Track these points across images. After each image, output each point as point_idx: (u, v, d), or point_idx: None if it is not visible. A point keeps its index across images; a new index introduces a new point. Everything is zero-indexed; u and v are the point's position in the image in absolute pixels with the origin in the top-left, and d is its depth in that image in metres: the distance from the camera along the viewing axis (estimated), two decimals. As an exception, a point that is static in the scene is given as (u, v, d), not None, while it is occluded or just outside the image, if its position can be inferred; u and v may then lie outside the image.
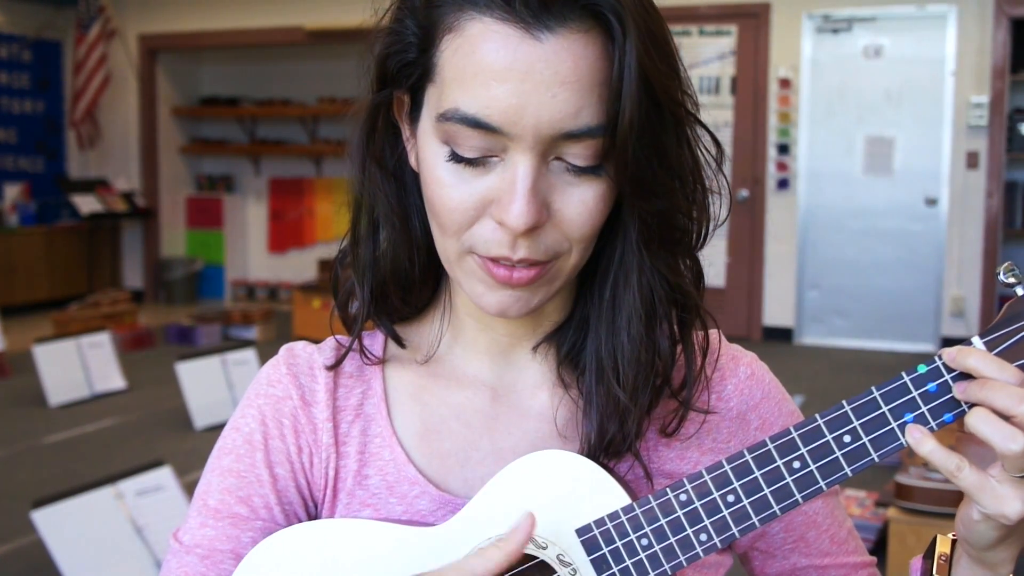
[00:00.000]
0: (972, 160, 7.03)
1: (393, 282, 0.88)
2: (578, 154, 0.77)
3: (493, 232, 0.78)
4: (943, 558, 0.82)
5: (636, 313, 0.84)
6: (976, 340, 0.76)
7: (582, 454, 0.85)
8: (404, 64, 0.81)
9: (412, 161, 0.86)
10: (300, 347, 0.94)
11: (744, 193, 7.61)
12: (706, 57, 7.57)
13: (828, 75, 7.45)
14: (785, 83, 7.46)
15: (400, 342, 0.91)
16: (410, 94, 0.83)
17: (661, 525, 0.78)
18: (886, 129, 7.35)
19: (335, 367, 0.92)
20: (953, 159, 7.09)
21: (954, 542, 0.83)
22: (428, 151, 0.80)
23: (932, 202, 7.26)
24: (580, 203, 0.78)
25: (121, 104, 9.57)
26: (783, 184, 7.55)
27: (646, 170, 0.77)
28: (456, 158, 0.78)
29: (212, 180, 10.15)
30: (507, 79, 0.74)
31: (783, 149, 7.53)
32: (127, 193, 9.45)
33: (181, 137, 10.05)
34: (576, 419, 0.88)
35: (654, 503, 0.79)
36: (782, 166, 7.54)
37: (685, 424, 0.89)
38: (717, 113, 7.56)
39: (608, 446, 0.85)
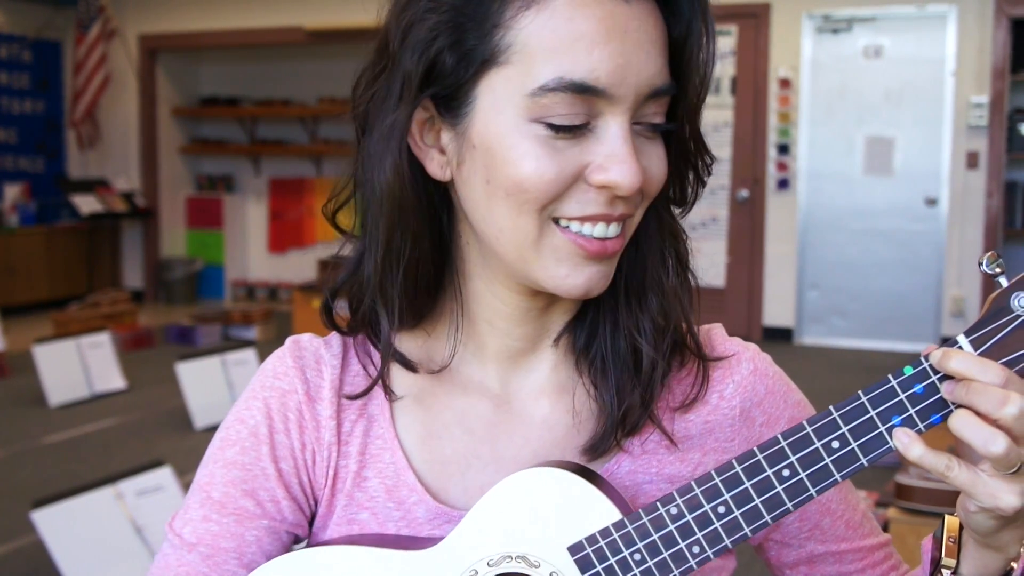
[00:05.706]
0: (972, 160, 7.03)
1: (405, 293, 0.86)
2: (656, 112, 0.80)
3: (585, 192, 0.79)
4: (952, 539, 0.81)
5: (662, 265, 0.87)
6: (962, 339, 0.75)
7: (599, 433, 0.86)
8: (464, 54, 0.78)
9: (434, 169, 0.83)
10: (306, 340, 0.92)
11: (744, 193, 7.61)
12: (706, 57, 7.56)
13: (828, 75, 7.45)
14: (785, 83, 7.46)
15: (413, 368, 0.89)
16: (437, 97, 0.80)
17: (653, 540, 0.78)
18: (886, 129, 7.35)
19: (360, 396, 0.89)
20: (953, 159, 7.08)
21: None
22: (505, 134, 0.78)
23: (932, 202, 7.26)
24: (658, 159, 0.82)
25: (121, 104, 9.57)
26: (783, 184, 7.55)
27: (698, 127, 0.84)
28: (554, 130, 0.77)
29: (212, 180, 10.15)
30: (610, 40, 0.76)
31: (783, 149, 7.53)
32: (127, 193, 9.44)
33: (181, 137, 10.05)
34: (589, 410, 0.88)
35: (645, 518, 0.79)
36: (782, 166, 7.54)
37: (686, 425, 0.89)
38: (717, 113, 7.57)
39: (626, 414, 0.85)
